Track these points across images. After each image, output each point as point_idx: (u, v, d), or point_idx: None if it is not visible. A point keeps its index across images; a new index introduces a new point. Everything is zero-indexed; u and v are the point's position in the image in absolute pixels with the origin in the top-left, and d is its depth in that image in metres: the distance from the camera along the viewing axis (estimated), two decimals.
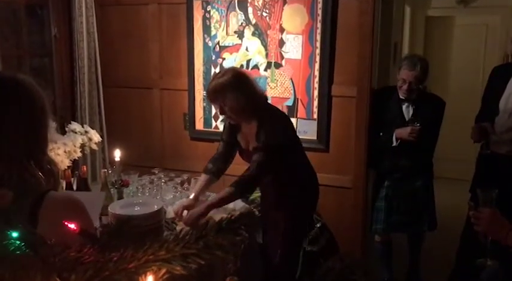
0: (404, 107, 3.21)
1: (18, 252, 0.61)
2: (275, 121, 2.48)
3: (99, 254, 0.51)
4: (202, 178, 2.68)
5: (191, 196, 2.59)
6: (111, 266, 0.49)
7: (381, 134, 3.25)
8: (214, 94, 2.43)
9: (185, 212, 2.49)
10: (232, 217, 0.52)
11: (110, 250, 0.51)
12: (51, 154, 1.36)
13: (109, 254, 0.50)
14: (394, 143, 3.18)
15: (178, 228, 2.35)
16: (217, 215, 2.51)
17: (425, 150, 3.26)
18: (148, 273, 0.49)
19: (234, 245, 0.50)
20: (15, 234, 0.63)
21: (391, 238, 3.47)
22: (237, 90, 2.39)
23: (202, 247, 0.48)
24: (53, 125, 1.36)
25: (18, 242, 0.63)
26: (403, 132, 3.11)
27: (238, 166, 2.86)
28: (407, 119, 3.19)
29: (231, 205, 2.63)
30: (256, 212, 2.80)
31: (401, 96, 3.19)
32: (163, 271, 0.49)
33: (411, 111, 3.20)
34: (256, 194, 2.90)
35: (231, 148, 2.71)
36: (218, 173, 2.70)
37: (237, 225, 0.52)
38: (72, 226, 0.61)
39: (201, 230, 0.51)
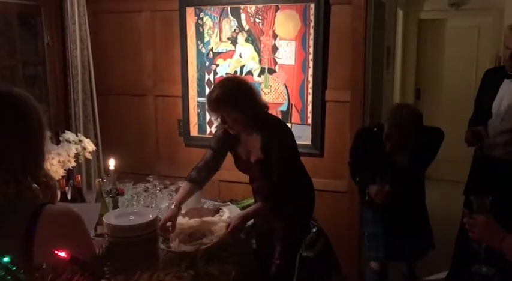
0: (397, 158, 2.77)
1: (9, 277, 0.61)
2: (280, 132, 2.49)
3: None
4: (185, 185, 2.59)
5: (172, 206, 2.46)
6: None
7: (357, 179, 2.92)
8: (215, 105, 2.36)
9: (169, 223, 2.43)
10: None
11: (100, 276, 0.51)
12: (46, 164, 1.36)
13: None
14: (366, 197, 2.83)
15: (172, 245, 2.30)
16: (213, 223, 2.51)
17: (418, 178, 2.97)
18: None
19: (224, 274, 0.50)
20: (5, 259, 0.63)
21: (388, 265, 3.07)
22: (239, 101, 2.34)
23: (192, 277, 0.48)
24: (47, 135, 1.36)
25: (10, 267, 0.63)
26: (372, 190, 2.73)
27: (235, 173, 2.87)
28: (401, 165, 2.77)
29: (226, 213, 2.63)
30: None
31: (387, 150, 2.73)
32: None
33: (406, 159, 2.77)
34: (250, 201, 2.90)
35: (218, 158, 2.63)
36: (201, 183, 2.61)
37: (227, 254, 0.52)
38: (62, 254, 0.60)
39: (191, 259, 0.51)
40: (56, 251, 0.62)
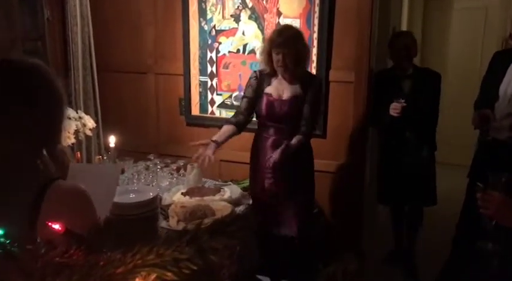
0: (403, 83, 3.26)
1: (1, 250, 0.58)
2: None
3: (85, 258, 0.48)
4: (225, 127, 2.81)
5: (212, 142, 2.73)
6: (97, 271, 0.45)
7: (380, 117, 3.24)
8: (290, 40, 2.59)
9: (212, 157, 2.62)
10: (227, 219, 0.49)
11: (97, 251, 0.48)
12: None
13: (96, 258, 0.47)
14: (384, 123, 3.22)
15: (171, 220, 2.31)
16: (215, 202, 2.49)
17: (426, 123, 3.27)
18: (137, 279, 0.46)
19: (228, 249, 0.47)
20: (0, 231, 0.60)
21: (396, 207, 3.54)
22: (304, 41, 2.71)
23: (194, 252, 0.45)
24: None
25: (3, 240, 0.59)
26: (391, 106, 3.11)
27: (236, 152, 2.85)
28: (406, 92, 3.21)
29: (228, 193, 2.61)
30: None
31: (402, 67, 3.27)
32: (153, 276, 0.46)
33: (408, 85, 3.24)
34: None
35: (253, 104, 2.81)
36: (239, 126, 2.82)
37: (232, 228, 0.49)
38: (56, 226, 0.57)
39: (194, 233, 0.48)
40: (49, 224, 0.59)
